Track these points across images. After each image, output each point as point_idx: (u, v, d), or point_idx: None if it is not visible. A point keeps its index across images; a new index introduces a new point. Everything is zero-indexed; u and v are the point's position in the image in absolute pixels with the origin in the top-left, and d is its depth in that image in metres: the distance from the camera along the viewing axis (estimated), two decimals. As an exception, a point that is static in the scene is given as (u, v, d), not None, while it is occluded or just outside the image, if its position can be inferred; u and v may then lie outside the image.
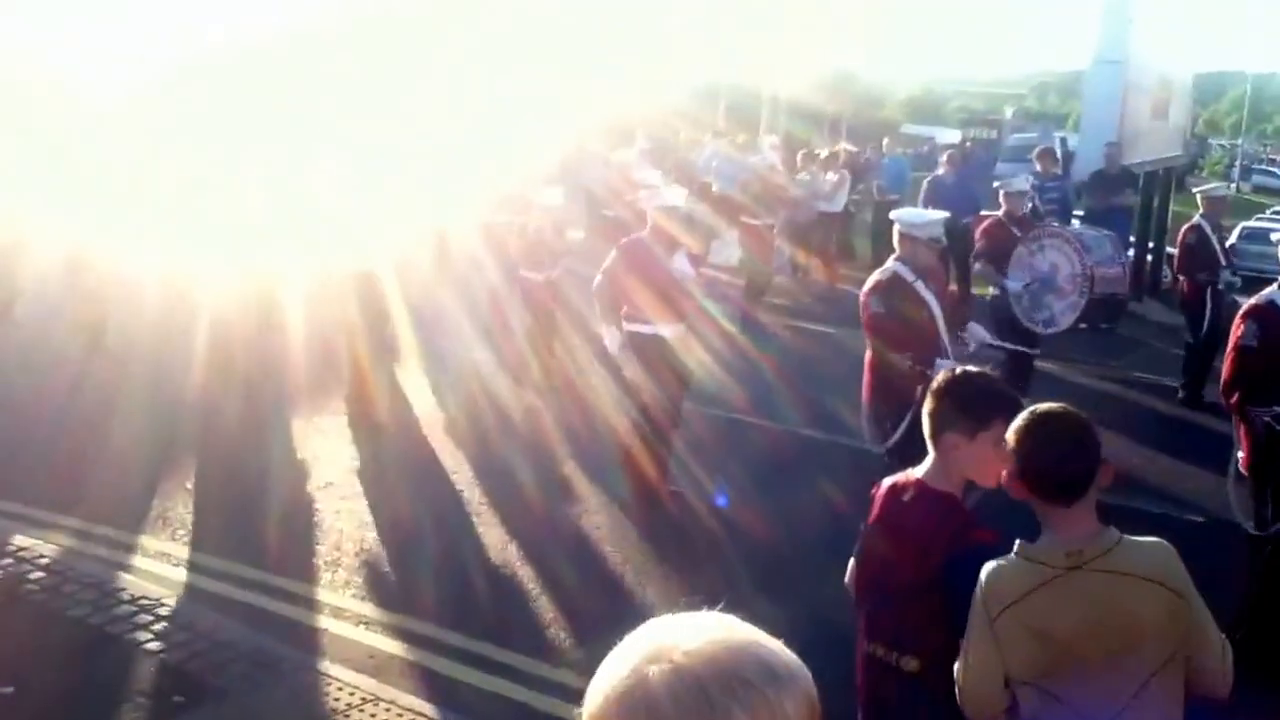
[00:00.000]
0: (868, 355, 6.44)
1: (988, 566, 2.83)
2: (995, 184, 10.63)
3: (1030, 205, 10.10)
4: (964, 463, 3.09)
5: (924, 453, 3.20)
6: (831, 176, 15.97)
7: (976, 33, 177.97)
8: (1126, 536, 2.82)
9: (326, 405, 8.80)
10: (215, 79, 13.30)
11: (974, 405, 3.08)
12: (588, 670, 1.12)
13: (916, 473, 3.20)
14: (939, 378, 3.21)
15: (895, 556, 3.14)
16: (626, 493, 7.25)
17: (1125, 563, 2.75)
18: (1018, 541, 2.86)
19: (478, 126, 14.51)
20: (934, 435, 3.13)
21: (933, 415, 3.13)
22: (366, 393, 8.60)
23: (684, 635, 1.14)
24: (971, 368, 3.36)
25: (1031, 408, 2.93)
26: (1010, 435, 2.88)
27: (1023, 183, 10.14)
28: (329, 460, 7.84)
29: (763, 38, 28.79)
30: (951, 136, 37.99)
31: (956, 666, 2.89)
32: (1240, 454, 5.94)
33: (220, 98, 12.47)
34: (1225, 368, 5.88)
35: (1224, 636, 2.84)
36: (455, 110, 15.19)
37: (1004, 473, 2.89)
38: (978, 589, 2.82)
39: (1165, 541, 2.83)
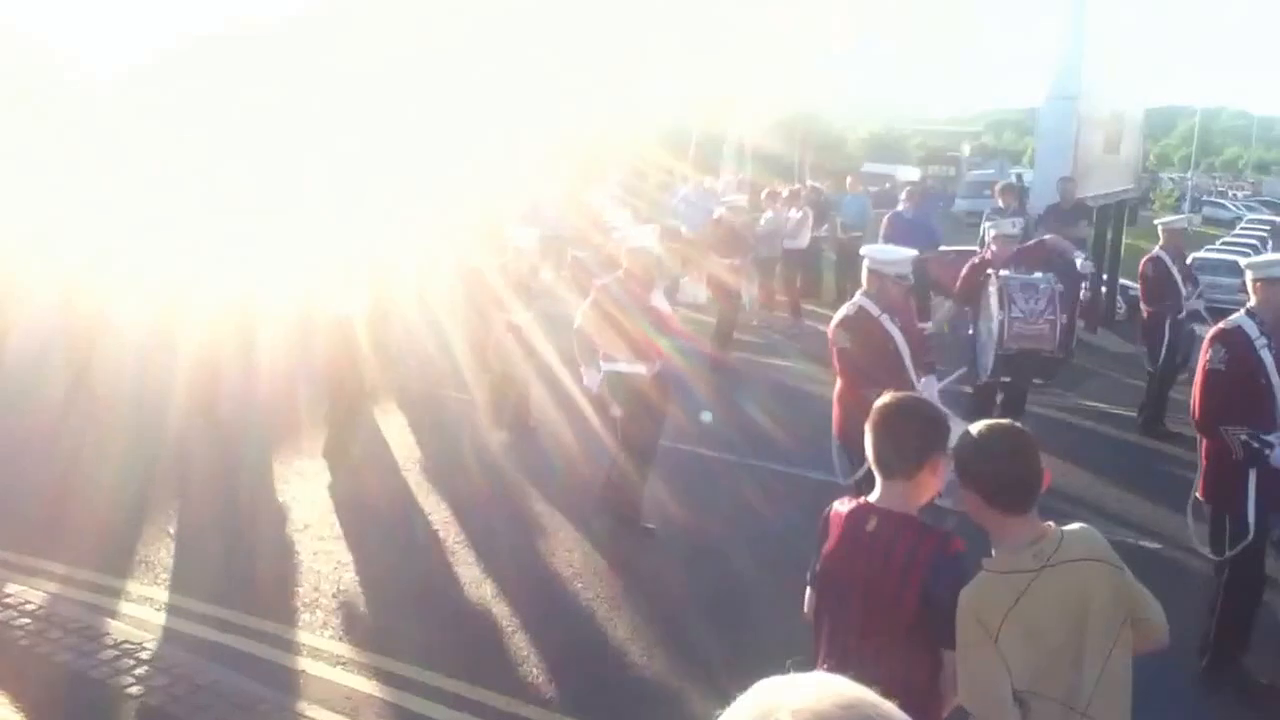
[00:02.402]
0: (836, 388, 6.58)
1: (966, 589, 2.98)
2: (986, 224, 10.72)
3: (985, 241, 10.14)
4: (931, 488, 3.23)
5: None
6: (795, 214, 16.20)
7: (934, 72, 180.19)
8: (1060, 527, 3.05)
9: (305, 447, 8.84)
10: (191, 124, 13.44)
11: (940, 433, 3.23)
12: (562, 708, 1.20)
13: (873, 499, 3.26)
14: (898, 409, 3.28)
15: (874, 584, 3.16)
16: (601, 529, 7.35)
17: (1074, 550, 2.98)
18: (982, 560, 3.03)
19: (451, 166, 14.67)
20: (910, 467, 3.20)
21: (907, 449, 3.21)
22: (345, 435, 8.64)
23: (791, 695, 1.13)
24: (916, 396, 3.53)
25: (973, 426, 3.12)
26: (966, 452, 3.05)
27: (1012, 226, 9.82)
28: (307, 502, 7.88)
29: (727, 82, 29.19)
30: (911, 174, 38.48)
31: (960, 688, 3.01)
32: (1199, 480, 6.09)
33: (199, 141, 12.60)
34: (1195, 392, 5.99)
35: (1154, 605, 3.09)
36: (428, 150, 15.35)
37: (964, 493, 3.04)
38: (964, 611, 2.95)
39: (1087, 524, 3.10)
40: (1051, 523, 3.05)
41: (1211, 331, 6.13)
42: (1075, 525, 3.08)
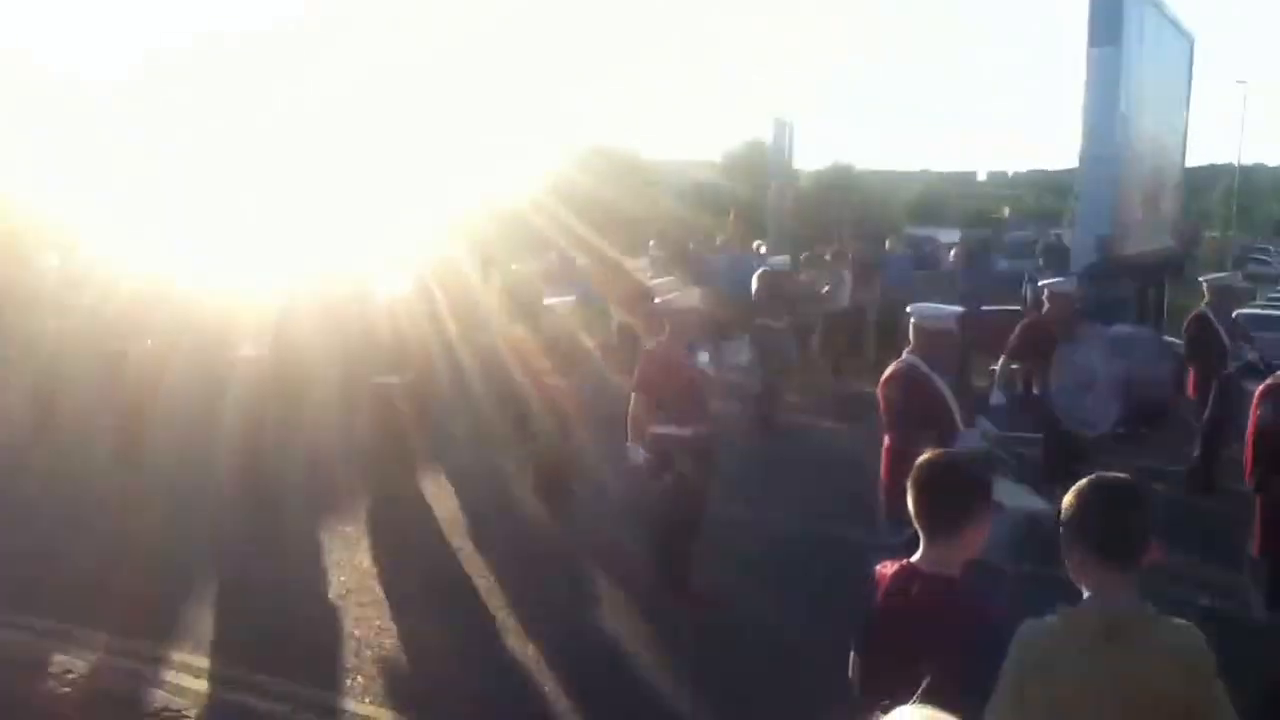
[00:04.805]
0: (885, 444, 6.53)
1: (1024, 626, 2.83)
2: (1041, 283, 10.71)
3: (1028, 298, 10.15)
4: (974, 548, 3.17)
5: None
6: (834, 277, 16.19)
7: (975, 135, 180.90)
8: (1162, 615, 2.81)
9: (347, 512, 8.86)
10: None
11: (985, 491, 3.18)
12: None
13: (916, 560, 3.20)
14: (941, 467, 3.22)
15: (917, 650, 3.05)
16: (651, 596, 7.27)
17: (1159, 642, 2.74)
18: (1060, 606, 2.86)
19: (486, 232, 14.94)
20: (952, 526, 3.15)
21: (949, 508, 3.15)
22: (386, 499, 8.66)
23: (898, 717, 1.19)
24: (960, 454, 3.44)
25: (1098, 473, 2.96)
26: (1072, 496, 2.90)
27: (1070, 284, 9.82)
28: (349, 567, 7.88)
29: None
30: (953, 236, 38.46)
31: None
32: (1255, 538, 5.97)
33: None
34: (1247, 449, 5.92)
35: None
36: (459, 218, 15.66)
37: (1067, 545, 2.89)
38: (1012, 648, 2.82)
39: (1195, 626, 2.81)
40: (1151, 604, 2.82)
41: (1261, 386, 6.06)
42: (1182, 621, 2.81)
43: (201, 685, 6.09)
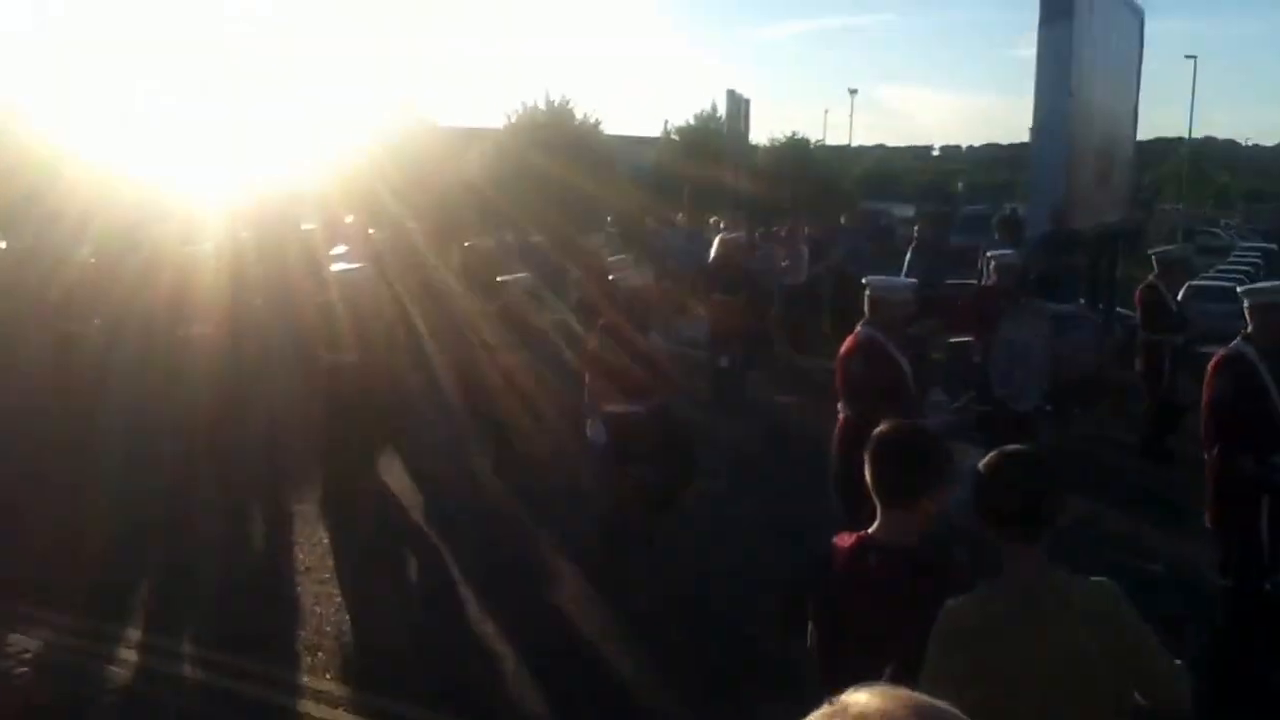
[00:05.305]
0: (840, 417, 6.57)
1: (948, 604, 2.85)
2: (988, 254, 10.86)
3: (985, 272, 10.31)
4: (934, 515, 3.18)
5: None
6: (791, 251, 16.23)
7: (925, 111, 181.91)
8: (1074, 575, 2.87)
9: (305, 490, 8.80)
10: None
11: (941, 462, 3.20)
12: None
13: (873, 532, 3.21)
14: (897, 438, 3.24)
15: (875, 621, 3.10)
16: (604, 565, 7.28)
17: (1072, 601, 2.80)
18: (980, 581, 2.91)
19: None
20: (909, 497, 3.16)
21: (906, 478, 3.17)
22: (342, 477, 8.59)
23: (858, 694, 1.24)
24: (916, 424, 3.46)
25: (1000, 448, 3.01)
26: (977, 474, 2.95)
27: (1015, 258, 10.19)
28: (307, 545, 7.84)
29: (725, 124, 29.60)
30: (906, 211, 38.76)
31: None
32: (1209, 507, 6.08)
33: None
34: (1203, 421, 6.03)
35: (1177, 662, 2.85)
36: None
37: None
38: (936, 625, 2.84)
39: (1108, 580, 2.87)
40: (1064, 567, 2.88)
41: (1214, 359, 6.16)
42: (1094, 578, 2.86)
43: (159, 663, 6.06)
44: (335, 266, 9.24)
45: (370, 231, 13.57)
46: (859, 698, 1.23)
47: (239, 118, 19.28)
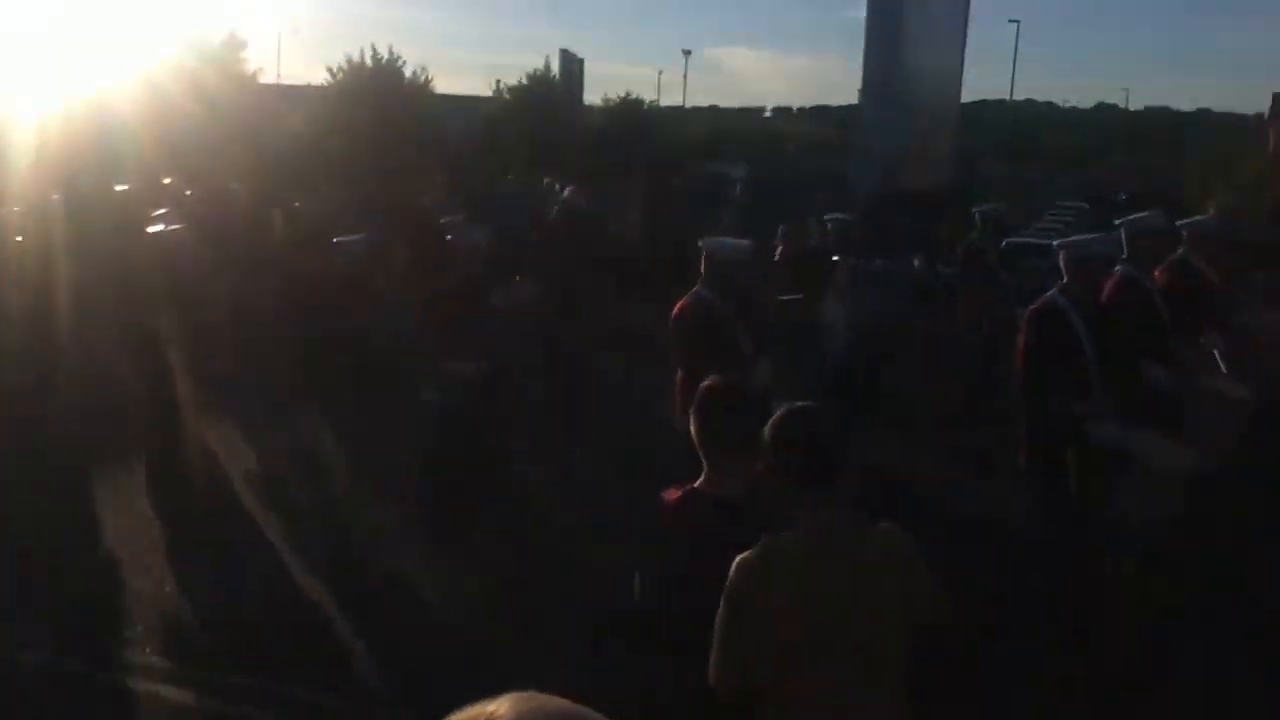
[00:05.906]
0: (678, 376, 6.59)
1: (738, 559, 2.89)
2: (825, 217, 11.01)
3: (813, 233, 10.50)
4: (754, 472, 3.17)
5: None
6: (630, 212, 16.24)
7: (758, 72, 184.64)
8: (862, 523, 2.98)
9: (122, 460, 8.44)
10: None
11: (763, 417, 3.21)
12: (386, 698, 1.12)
13: (698, 485, 3.24)
14: (720, 392, 3.27)
15: (699, 575, 3.05)
16: (451, 531, 7.15)
17: (862, 547, 2.92)
18: (765, 535, 2.94)
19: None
20: (733, 451, 3.18)
21: (730, 432, 3.19)
22: (162, 445, 8.21)
23: (501, 702, 1.14)
24: (738, 380, 3.49)
25: (786, 406, 3.07)
26: (770, 430, 2.98)
27: (846, 219, 10.51)
28: (127, 515, 7.59)
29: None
30: (739, 171, 39.24)
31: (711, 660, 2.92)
32: (1022, 452, 6.35)
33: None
34: (1018, 369, 6.26)
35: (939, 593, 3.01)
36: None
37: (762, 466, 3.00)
38: (730, 575, 2.87)
39: (896, 527, 3.00)
40: (852, 515, 2.97)
41: (1030, 310, 6.40)
42: (882, 524, 3.00)
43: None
44: (153, 229, 8.79)
45: (188, 193, 12.97)
46: (497, 707, 1.14)
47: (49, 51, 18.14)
